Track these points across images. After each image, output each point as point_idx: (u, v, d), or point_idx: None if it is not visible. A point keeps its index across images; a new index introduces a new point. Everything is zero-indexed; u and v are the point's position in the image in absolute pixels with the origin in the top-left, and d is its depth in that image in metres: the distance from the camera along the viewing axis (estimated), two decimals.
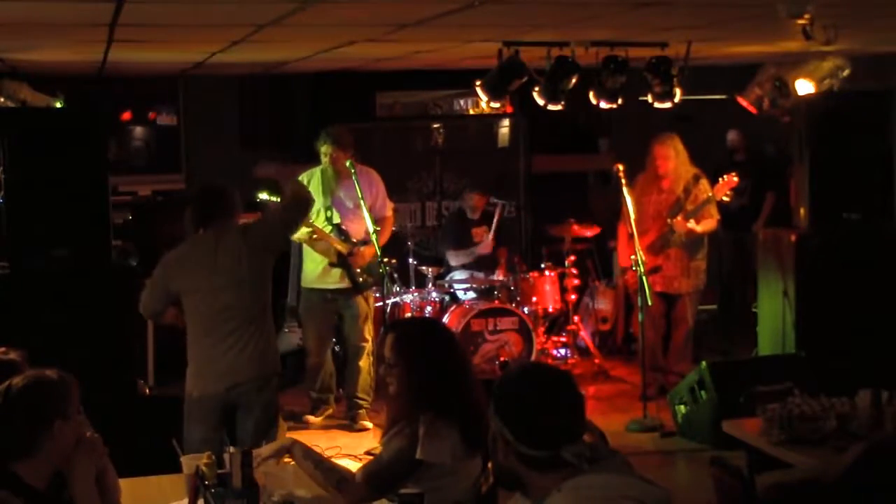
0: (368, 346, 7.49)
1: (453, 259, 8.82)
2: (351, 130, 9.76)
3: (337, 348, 7.97)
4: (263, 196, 7.08)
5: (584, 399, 2.71)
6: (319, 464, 3.78)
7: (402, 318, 8.15)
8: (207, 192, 5.39)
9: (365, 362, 7.48)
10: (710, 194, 7.92)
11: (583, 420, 2.68)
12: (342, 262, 7.35)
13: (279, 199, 6.90)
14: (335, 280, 7.43)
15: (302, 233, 7.19)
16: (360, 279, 7.40)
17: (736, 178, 7.94)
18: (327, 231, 7.35)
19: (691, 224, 7.88)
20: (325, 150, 7.36)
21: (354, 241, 7.40)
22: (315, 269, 7.45)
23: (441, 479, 3.65)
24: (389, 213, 7.67)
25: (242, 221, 5.47)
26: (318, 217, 7.36)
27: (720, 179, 7.91)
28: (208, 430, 5.10)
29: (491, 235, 8.84)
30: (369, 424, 7.44)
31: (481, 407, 3.69)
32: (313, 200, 6.06)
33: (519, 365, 4.37)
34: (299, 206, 5.71)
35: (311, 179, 7.45)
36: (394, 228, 7.94)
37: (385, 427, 3.85)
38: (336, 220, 7.40)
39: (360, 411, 7.51)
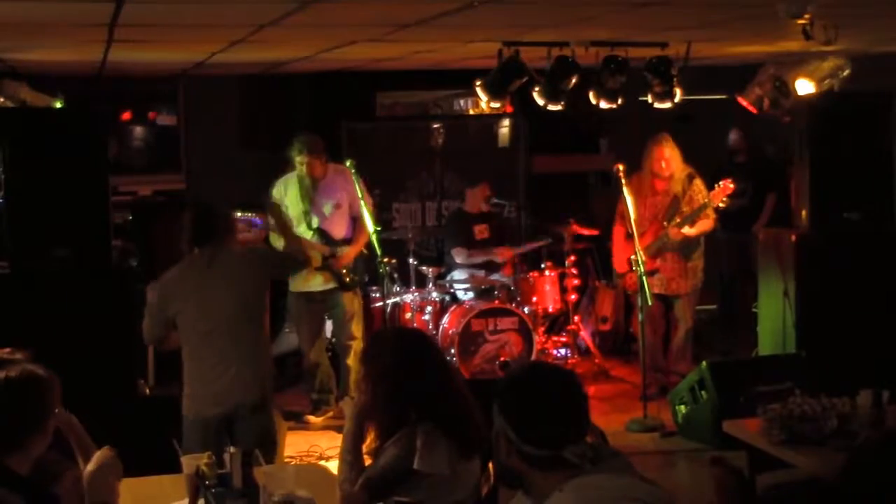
0: (356, 344, 7.51)
1: (459, 256, 8.80)
2: (351, 130, 9.83)
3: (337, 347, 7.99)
4: (238, 213, 7.09)
5: (588, 399, 2.71)
6: (352, 451, 3.78)
7: (379, 329, 8.10)
8: (201, 212, 5.30)
9: (354, 361, 7.49)
10: (707, 201, 7.90)
11: (586, 420, 2.68)
12: (326, 265, 7.38)
13: (250, 215, 7.08)
14: (319, 282, 7.48)
15: (279, 242, 7.24)
16: (346, 279, 7.43)
17: (732, 185, 7.89)
18: (309, 236, 7.37)
19: (686, 230, 7.88)
20: (300, 159, 7.42)
21: (336, 241, 7.43)
22: (300, 274, 7.47)
23: (439, 487, 3.65)
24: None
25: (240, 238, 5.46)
26: (300, 224, 7.40)
27: (716, 186, 7.88)
28: (207, 447, 5.07)
29: (513, 252, 8.85)
30: None
31: (469, 410, 3.71)
32: (307, 265, 6.08)
33: (523, 364, 4.38)
34: (294, 266, 5.78)
35: (288, 185, 7.52)
36: (394, 226, 7.96)
37: (374, 436, 3.83)
38: (315, 223, 7.44)
39: None
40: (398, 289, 8.36)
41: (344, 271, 7.42)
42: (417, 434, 3.64)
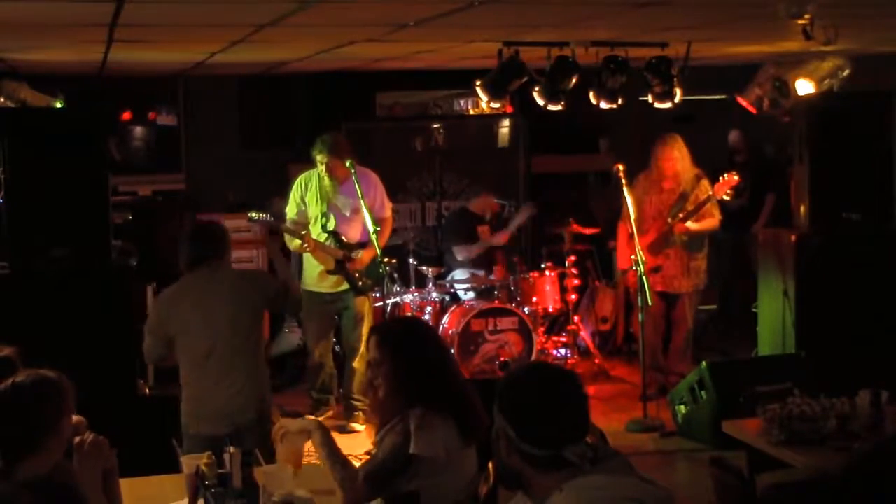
0: (363, 347, 7.50)
1: (460, 253, 8.79)
2: (351, 130, 9.82)
3: (337, 348, 7.99)
4: (252, 215, 7.06)
5: (588, 399, 2.72)
6: (332, 455, 3.80)
7: (383, 320, 8.13)
8: (200, 232, 5.30)
9: (359, 364, 7.49)
10: (710, 194, 7.91)
11: (587, 420, 2.68)
12: (339, 268, 7.37)
13: (265, 216, 6.93)
14: (333, 284, 7.46)
15: (295, 244, 7.23)
16: (360, 283, 7.42)
17: (736, 177, 7.92)
18: (322, 239, 7.36)
19: (689, 224, 7.88)
20: (320, 158, 7.37)
21: (351, 245, 7.41)
22: (314, 273, 7.48)
23: (436, 476, 3.67)
24: (388, 213, 7.68)
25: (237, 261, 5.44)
26: (314, 224, 7.37)
27: (720, 178, 7.91)
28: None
29: (509, 231, 8.86)
30: (360, 427, 7.44)
31: (470, 398, 3.75)
32: (300, 308, 6.18)
33: (525, 364, 4.39)
34: (289, 305, 5.82)
35: (310, 182, 7.48)
36: (394, 227, 7.96)
37: (377, 427, 3.87)
38: (331, 226, 7.42)
39: (356, 413, 7.51)
40: (398, 289, 8.37)
41: (357, 275, 7.41)
42: (410, 419, 3.67)
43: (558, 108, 7.25)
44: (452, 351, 8.02)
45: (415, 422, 3.66)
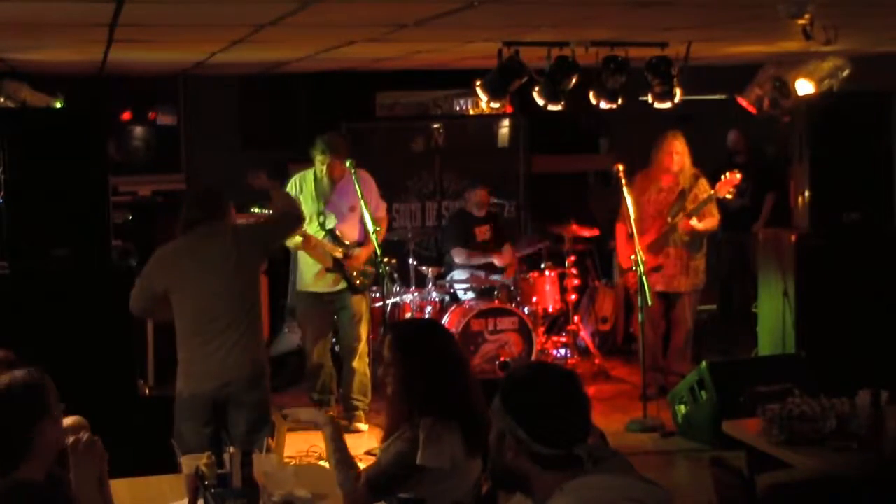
0: (362, 346, 7.51)
1: (458, 256, 8.80)
2: (351, 130, 9.82)
3: (337, 348, 7.99)
4: (255, 210, 7.07)
5: (589, 400, 2.73)
6: (338, 452, 3.78)
7: (403, 319, 8.16)
8: (200, 193, 5.40)
9: (359, 363, 7.49)
10: (712, 192, 7.91)
11: (590, 420, 2.70)
12: (338, 266, 7.37)
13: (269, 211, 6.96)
14: (329, 283, 7.45)
15: (294, 241, 7.24)
16: (357, 281, 7.42)
17: (739, 176, 7.92)
18: (320, 237, 7.37)
19: (693, 222, 7.88)
20: (320, 158, 7.38)
21: (348, 244, 7.42)
22: (310, 273, 7.47)
23: (440, 483, 3.65)
24: (383, 213, 7.69)
25: (236, 222, 5.49)
26: (311, 223, 7.37)
27: (722, 177, 7.91)
28: (199, 427, 5.11)
29: (511, 252, 8.86)
30: (364, 426, 7.45)
31: (481, 408, 3.71)
32: (303, 219, 6.03)
33: (528, 364, 4.38)
34: (288, 222, 5.73)
35: (304, 182, 7.48)
36: (394, 227, 7.96)
37: (385, 430, 3.85)
38: (329, 224, 7.41)
39: (357, 413, 7.52)
40: (398, 289, 8.37)
41: (354, 273, 7.42)
42: (420, 428, 3.65)
43: (558, 108, 7.24)
44: None
45: (424, 432, 3.63)
